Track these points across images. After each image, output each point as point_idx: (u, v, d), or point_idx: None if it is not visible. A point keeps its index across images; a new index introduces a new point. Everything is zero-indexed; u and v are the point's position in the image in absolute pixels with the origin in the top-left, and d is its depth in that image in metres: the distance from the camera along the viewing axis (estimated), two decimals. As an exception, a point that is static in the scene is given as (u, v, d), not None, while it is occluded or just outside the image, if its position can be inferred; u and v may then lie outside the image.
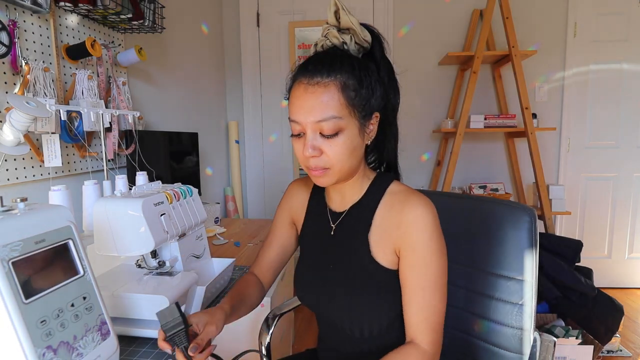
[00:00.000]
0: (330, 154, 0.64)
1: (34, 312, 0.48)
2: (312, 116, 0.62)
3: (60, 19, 1.19)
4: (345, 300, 0.69)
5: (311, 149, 0.64)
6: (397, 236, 0.66)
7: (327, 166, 0.65)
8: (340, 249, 0.73)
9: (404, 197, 0.68)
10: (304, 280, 0.78)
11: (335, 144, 0.64)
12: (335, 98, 0.62)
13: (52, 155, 1.09)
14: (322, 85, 0.62)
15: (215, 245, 1.53)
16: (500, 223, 0.81)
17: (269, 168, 2.85)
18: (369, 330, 0.70)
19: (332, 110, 0.62)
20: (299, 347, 1.97)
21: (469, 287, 0.86)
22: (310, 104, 0.63)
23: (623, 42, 2.48)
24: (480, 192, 2.54)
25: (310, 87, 0.63)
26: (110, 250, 0.79)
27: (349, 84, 0.63)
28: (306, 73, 0.64)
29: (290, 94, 0.68)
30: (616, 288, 2.64)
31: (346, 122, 0.63)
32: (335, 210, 0.76)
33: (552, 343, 0.75)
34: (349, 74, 0.63)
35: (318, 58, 0.66)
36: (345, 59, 0.65)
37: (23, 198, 0.54)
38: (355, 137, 0.65)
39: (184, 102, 2.11)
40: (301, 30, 2.65)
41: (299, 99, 0.64)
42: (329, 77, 0.62)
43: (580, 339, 1.66)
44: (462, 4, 2.54)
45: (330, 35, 0.67)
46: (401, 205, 0.67)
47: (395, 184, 0.72)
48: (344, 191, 0.74)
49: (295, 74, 0.67)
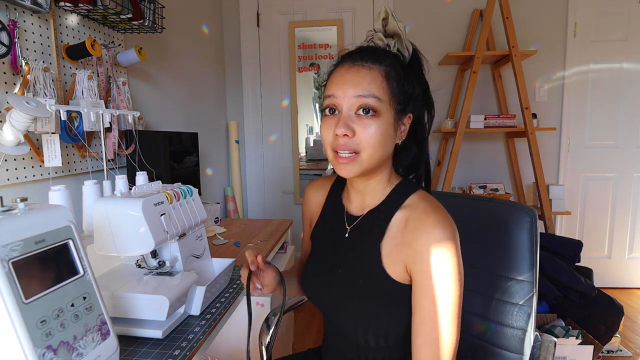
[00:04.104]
0: (362, 137, 0.62)
1: (34, 312, 0.48)
2: (354, 90, 0.62)
3: (60, 19, 1.19)
4: (351, 305, 0.68)
5: (344, 127, 0.61)
6: (408, 254, 0.62)
7: (357, 149, 0.63)
8: (351, 253, 0.71)
9: (422, 213, 0.63)
10: (312, 278, 0.77)
11: (370, 126, 0.62)
12: (378, 81, 0.62)
13: (52, 155, 1.09)
14: (366, 67, 0.63)
15: (215, 245, 1.53)
16: (501, 223, 0.81)
17: (269, 168, 2.85)
18: (375, 339, 0.67)
19: (375, 90, 0.62)
20: (299, 347, 1.97)
21: (469, 288, 0.85)
22: (353, 78, 0.63)
23: (623, 42, 2.48)
24: (480, 192, 2.54)
25: (354, 67, 0.63)
26: (110, 250, 0.79)
27: (392, 74, 0.63)
28: (350, 58, 0.65)
29: (329, 78, 0.67)
30: (616, 288, 2.64)
31: (384, 108, 0.62)
32: (352, 213, 0.74)
33: (552, 343, 0.75)
34: (392, 66, 0.64)
35: (362, 48, 0.67)
36: (390, 54, 0.66)
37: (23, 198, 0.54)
38: (389, 126, 0.63)
39: (184, 102, 2.11)
40: (301, 30, 2.65)
41: (341, 77, 0.64)
42: (373, 64, 0.63)
43: (580, 339, 1.66)
44: (462, 4, 2.54)
45: (376, 38, 0.68)
46: (417, 222, 0.62)
47: (418, 194, 0.67)
48: (365, 193, 0.71)
49: (337, 62, 0.67)
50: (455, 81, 2.61)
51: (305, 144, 2.82)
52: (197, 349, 0.73)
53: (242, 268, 0.76)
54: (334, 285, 0.71)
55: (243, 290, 1.03)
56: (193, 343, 0.74)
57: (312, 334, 2.12)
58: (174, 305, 0.78)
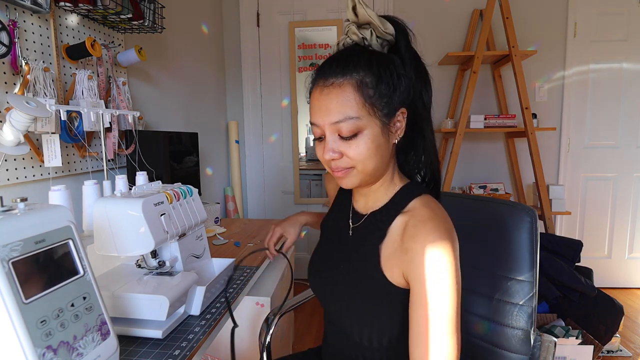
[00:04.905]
0: (351, 155, 0.62)
1: (34, 312, 0.48)
2: (329, 118, 0.61)
3: (60, 19, 1.19)
4: (353, 304, 0.68)
5: (331, 152, 0.63)
6: (403, 261, 0.61)
7: (350, 165, 0.63)
8: (354, 253, 0.71)
9: (420, 220, 0.61)
10: (315, 275, 0.78)
11: (356, 145, 0.61)
12: (351, 98, 0.60)
13: (52, 155, 1.09)
14: (336, 85, 0.60)
15: (215, 245, 1.53)
16: (501, 223, 0.81)
17: (269, 168, 2.85)
18: (378, 339, 0.67)
19: (349, 111, 0.60)
20: (299, 347, 1.97)
21: (469, 288, 0.85)
22: (326, 105, 0.61)
23: (623, 42, 2.48)
24: (480, 192, 2.54)
25: (325, 89, 0.61)
26: (110, 250, 0.79)
27: (366, 81, 0.60)
28: (322, 75, 0.63)
29: (310, 98, 0.66)
30: (616, 288, 2.64)
31: (365, 122, 0.60)
32: (358, 211, 0.75)
33: (552, 343, 0.75)
34: (366, 71, 0.60)
35: (333, 58, 0.64)
36: (363, 55, 0.62)
37: (23, 198, 0.54)
38: (377, 136, 0.62)
39: (184, 102, 2.11)
40: (301, 30, 2.65)
41: (316, 102, 0.63)
42: (343, 77, 0.60)
43: (580, 339, 1.66)
44: (462, 4, 2.54)
45: (350, 32, 0.65)
46: (414, 229, 0.61)
47: (421, 199, 0.66)
48: (368, 195, 0.72)
49: (313, 78, 0.66)
50: (455, 81, 2.61)
51: (305, 144, 2.82)
52: (197, 349, 0.73)
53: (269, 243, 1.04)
54: (336, 284, 0.71)
55: (243, 290, 1.03)
56: (193, 343, 0.74)
57: (312, 334, 2.12)
58: (174, 305, 0.77)
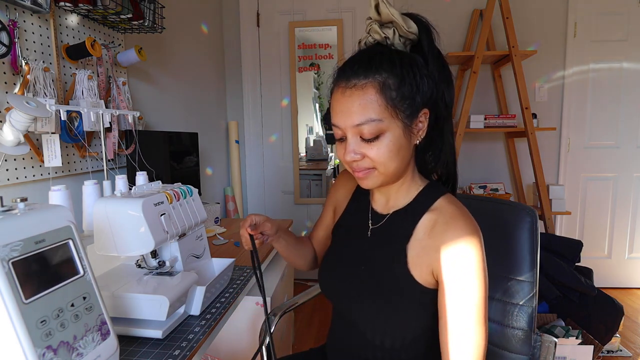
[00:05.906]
0: (372, 157, 0.62)
1: (34, 312, 0.48)
2: (351, 120, 0.61)
3: (60, 19, 1.19)
4: (371, 305, 0.67)
5: (352, 153, 0.63)
6: (435, 259, 0.62)
7: (371, 166, 0.64)
8: (375, 253, 0.70)
9: (449, 218, 0.62)
10: (329, 272, 0.77)
11: (378, 147, 0.61)
12: (373, 100, 0.59)
13: (52, 155, 1.09)
14: (359, 87, 0.60)
15: (215, 245, 1.53)
16: (501, 223, 0.81)
17: (269, 168, 2.85)
18: (391, 340, 0.67)
19: (371, 113, 0.59)
20: (299, 347, 1.97)
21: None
22: (348, 107, 0.61)
23: (623, 42, 2.48)
24: (480, 192, 2.54)
25: (347, 91, 0.61)
26: (110, 250, 0.79)
27: (389, 83, 0.60)
28: (343, 76, 0.62)
29: (331, 98, 0.66)
30: (616, 288, 2.64)
31: (388, 124, 0.60)
32: (378, 211, 0.74)
33: (552, 343, 0.75)
34: (389, 72, 0.60)
35: (355, 59, 0.63)
36: (385, 56, 0.61)
37: (23, 198, 0.54)
38: (399, 138, 0.62)
39: (184, 102, 2.11)
40: (301, 30, 2.65)
41: (338, 103, 0.63)
42: (366, 78, 0.60)
43: (580, 339, 1.66)
44: (462, 4, 2.54)
45: (372, 31, 0.65)
46: (444, 227, 0.62)
47: (446, 198, 0.67)
48: (389, 194, 0.72)
49: (334, 78, 0.65)
50: (455, 81, 2.61)
51: (305, 144, 2.82)
52: (197, 349, 0.73)
53: (241, 231, 0.78)
54: (355, 283, 0.70)
55: (243, 290, 1.03)
56: (193, 343, 0.74)
57: (312, 334, 2.12)
58: (174, 305, 0.77)
